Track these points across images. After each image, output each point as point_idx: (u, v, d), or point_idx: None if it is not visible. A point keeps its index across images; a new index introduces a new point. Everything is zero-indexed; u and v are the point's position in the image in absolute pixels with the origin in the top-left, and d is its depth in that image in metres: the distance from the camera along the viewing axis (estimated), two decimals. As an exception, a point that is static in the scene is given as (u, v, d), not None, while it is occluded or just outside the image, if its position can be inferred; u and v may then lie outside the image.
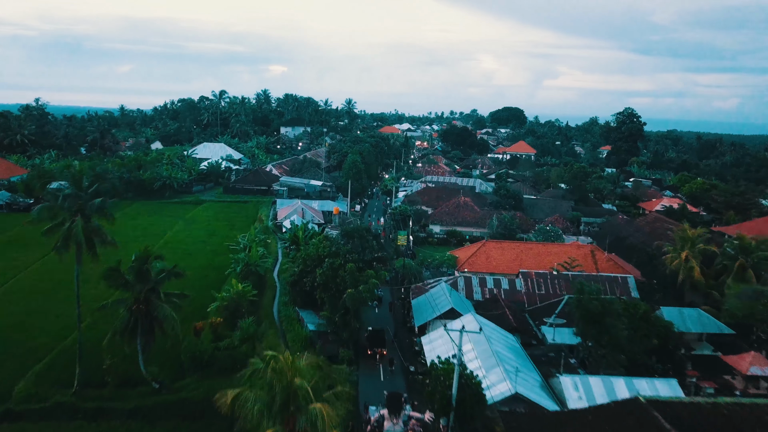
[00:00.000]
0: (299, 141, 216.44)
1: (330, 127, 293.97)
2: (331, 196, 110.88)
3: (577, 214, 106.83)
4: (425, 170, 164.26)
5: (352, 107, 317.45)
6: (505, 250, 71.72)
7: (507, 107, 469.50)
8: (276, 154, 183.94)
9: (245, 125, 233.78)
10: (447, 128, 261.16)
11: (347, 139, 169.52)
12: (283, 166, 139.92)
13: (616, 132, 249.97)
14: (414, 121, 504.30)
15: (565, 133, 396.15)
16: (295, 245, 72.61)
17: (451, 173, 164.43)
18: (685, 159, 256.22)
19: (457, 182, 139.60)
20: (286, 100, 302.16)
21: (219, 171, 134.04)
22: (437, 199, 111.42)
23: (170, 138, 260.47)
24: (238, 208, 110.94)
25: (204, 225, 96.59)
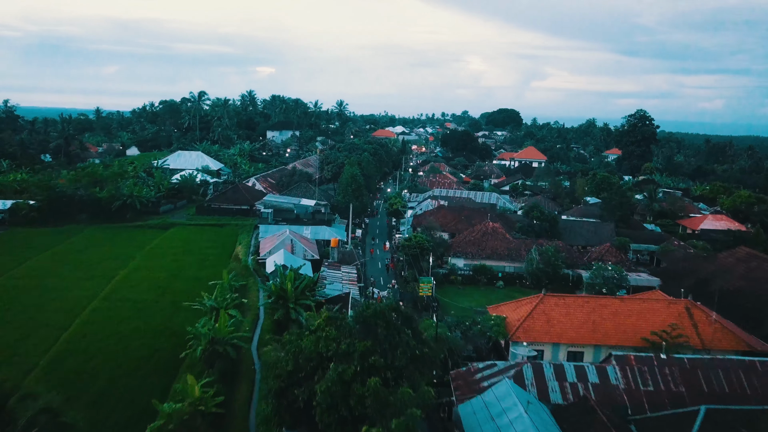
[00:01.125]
0: (287, 147, 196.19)
1: (320, 130, 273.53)
2: (326, 219, 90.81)
3: (625, 240, 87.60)
4: (430, 181, 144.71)
5: (344, 109, 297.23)
6: (570, 308, 52.10)
7: (502, 109, 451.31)
8: (261, 163, 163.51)
9: (228, 129, 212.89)
10: (447, 132, 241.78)
11: (342, 146, 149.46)
12: (269, 179, 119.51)
13: (628, 136, 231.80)
14: (406, 123, 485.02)
15: (564, 136, 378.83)
16: (282, 302, 52.60)
17: (459, 185, 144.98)
18: (700, 165, 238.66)
19: (472, 197, 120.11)
20: (273, 102, 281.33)
21: (193, 185, 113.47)
22: (454, 222, 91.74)
23: (148, 143, 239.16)
24: (214, 235, 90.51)
25: (169, 259, 76.12)
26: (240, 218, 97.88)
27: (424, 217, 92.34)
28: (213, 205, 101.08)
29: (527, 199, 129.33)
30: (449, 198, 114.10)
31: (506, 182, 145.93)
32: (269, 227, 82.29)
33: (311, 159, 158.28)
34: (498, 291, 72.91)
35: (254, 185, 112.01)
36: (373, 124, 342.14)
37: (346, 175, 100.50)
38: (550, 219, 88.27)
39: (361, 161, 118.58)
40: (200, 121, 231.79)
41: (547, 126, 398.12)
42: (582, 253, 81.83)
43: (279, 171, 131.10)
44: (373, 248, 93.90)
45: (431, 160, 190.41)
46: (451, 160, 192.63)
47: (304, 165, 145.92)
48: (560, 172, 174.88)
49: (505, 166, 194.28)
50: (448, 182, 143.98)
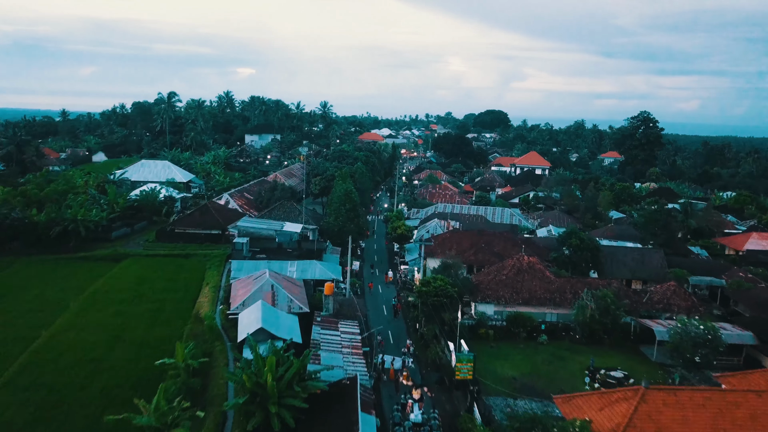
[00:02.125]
0: (267, 153, 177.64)
1: (303, 133, 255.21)
2: (315, 249, 72.85)
3: (683, 273, 71.08)
4: (429, 193, 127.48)
5: (328, 111, 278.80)
6: (686, 410, 35.04)
7: (490, 110, 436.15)
8: (238, 172, 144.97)
9: (202, 134, 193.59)
10: (438, 136, 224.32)
11: (329, 153, 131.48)
12: (246, 195, 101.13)
13: (630, 139, 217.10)
14: (390, 125, 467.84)
15: (555, 138, 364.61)
16: (259, 401, 35.00)
17: (462, 196, 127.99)
18: (705, 169, 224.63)
19: (482, 214, 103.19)
20: (252, 104, 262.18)
21: (155, 203, 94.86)
22: (473, 250, 74.44)
23: (116, 148, 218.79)
24: (175, 269, 72.14)
25: (111, 311, 57.71)
26: (209, 246, 79.54)
27: (438, 246, 74.93)
28: (177, 229, 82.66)
29: (542, 215, 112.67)
30: (458, 216, 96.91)
31: (514, 193, 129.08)
32: (244, 263, 64.22)
33: (295, 167, 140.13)
34: (542, 349, 55.91)
35: (228, 203, 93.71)
36: (359, 126, 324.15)
37: (339, 191, 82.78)
38: (591, 248, 71.31)
39: (354, 173, 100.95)
40: (173, 125, 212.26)
41: (537, 128, 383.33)
42: (636, 291, 64.99)
43: (258, 184, 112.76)
44: (372, 282, 76.32)
45: (425, 166, 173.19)
46: (447, 167, 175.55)
47: (286, 175, 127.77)
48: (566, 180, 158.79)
49: (506, 172, 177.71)
50: (449, 194, 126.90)
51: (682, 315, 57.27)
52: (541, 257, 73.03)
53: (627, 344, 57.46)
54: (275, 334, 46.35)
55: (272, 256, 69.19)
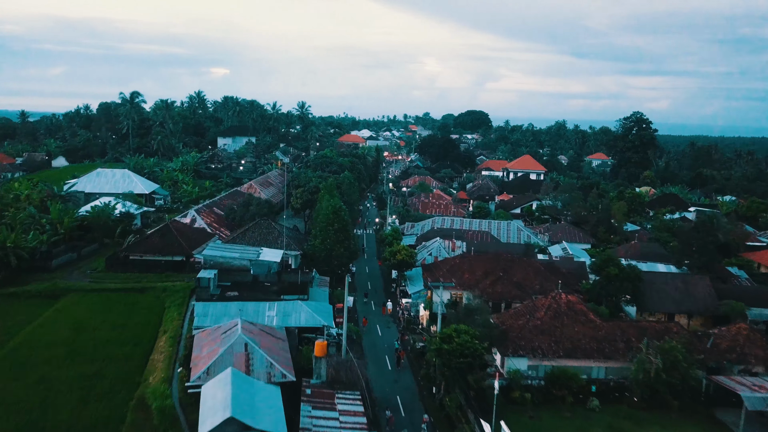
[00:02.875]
0: (242, 157, 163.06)
1: (280, 135, 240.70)
2: (299, 282, 59.35)
3: (740, 307, 59.31)
4: (421, 203, 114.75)
5: (306, 112, 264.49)
6: None
7: (471, 111, 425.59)
8: (209, 180, 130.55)
9: (171, 137, 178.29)
10: (423, 138, 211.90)
11: (311, 160, 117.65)
12: (216, 210, 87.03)
13: (623, 140, 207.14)
14: (369, 125, 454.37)
15: (538, 139, 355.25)
16: None
17: (457, 205, 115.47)
18: (699, 171, 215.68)
19: (486, 229, 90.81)
20: (225, 104, 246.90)
21: (108, 222, 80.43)
22: (490, 281, 61.81)
23: (78, 152, 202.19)
24: (126, 311, 58.14)
25: (34, 378, 43.75)
26: (171, 276, 65.79)
27: (446, 274, 62.09)
28: (132, 255, 68.55)
29: (549, 228, 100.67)
30: (460, 234, 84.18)
31: (515, 203, 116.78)
32: (210, 307, 50.60)
33: (272, 175, 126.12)
34: (596, 418, 43.51)
35: (194, 221, 79.63)
36: (338, 128, 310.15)
37: (325, 208, 69.44)
38: (632, 278, 59.11)
39: (340, 183, 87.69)
40: (140, 127, 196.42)
41: (519, 129, 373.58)
42: (696, 334, 52.88)
43: (230, 196, 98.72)
44: (367, 318, 63.19)
45: (413, 172, 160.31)
46: (436, 172, 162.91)
47: (262, 184, 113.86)
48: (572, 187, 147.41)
49: (498, 177, 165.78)
50: (443, 204, 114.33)
51: (760, 368, 45.61)
52: (567, 285, 60.91)
53: (699, 408, 45.28)
54: (251, 426, 33.19)
55: (246, 293, 55.62)
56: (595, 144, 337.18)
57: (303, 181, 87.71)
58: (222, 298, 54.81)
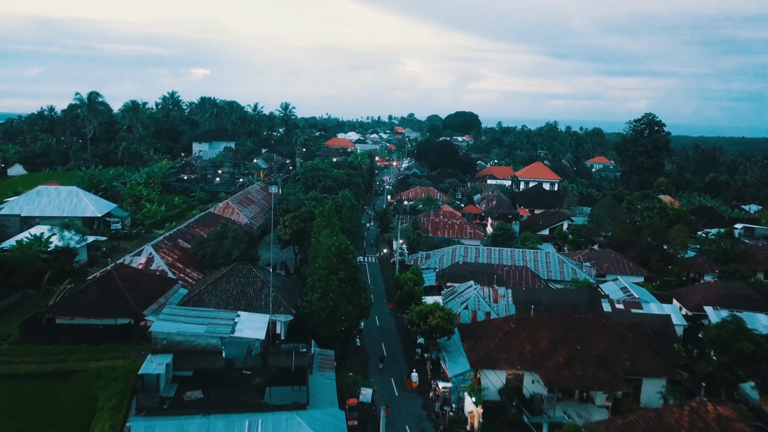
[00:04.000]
0: (219, 165, 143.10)
1: (261, 139, 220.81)
2: (293, 368, 40.36)
3: None
4: (431, 222, 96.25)
5: (290, 113, 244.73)
6: None
7: (460, 112, 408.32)
8: (179, 195, 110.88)
9: (140, 142, 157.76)
10: (420, 142, 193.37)
11: (301, 173, 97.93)
12: (181, 244, 67.32)
13: (634, 144, 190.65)
14: (355, 127, 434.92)
15: (532, 142, 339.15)
16: None
17: (474, 228, 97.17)
18: (714, 177, 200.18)
19: (522, 259, 72.65)
20: (202, 106, 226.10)
21: (37, 262, 60.63)
22: (562, 355, 43.39)
23: (38, 159, 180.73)
24: (37, 418, 38.81)
25: None
26: (111, 350, 46.45)
27: (499, 346, 43.63)
28: (58, 318, 48.99)
29: (589, 255, 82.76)
30: (494, 271, 65.79)
31: (541, 221, 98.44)
32: (156, 426, 31.55)
33: (252, 190, 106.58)
34: None
35: (151, 261, 60.12)
36: (323, 131, 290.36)
37: (326, 249, 50.41)
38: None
39: (340, 207, 68.79)
40: (107, 131, 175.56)
41: (513, 130, 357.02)
42: None
43: (201, 221, 79.13)
44: (389, 405, 44.27)
45: (415, 182, 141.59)
46: (439, 181, 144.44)
47: (241, 203, 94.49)
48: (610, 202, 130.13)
49: (506, 187, 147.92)
50: (457, 224, 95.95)
51: None
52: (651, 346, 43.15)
53: None
54: None
55: (216, 393, 36.64)
56: (592, 146, 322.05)
57: (293, 204, 68.42)
58: (178, 404, 35.70)
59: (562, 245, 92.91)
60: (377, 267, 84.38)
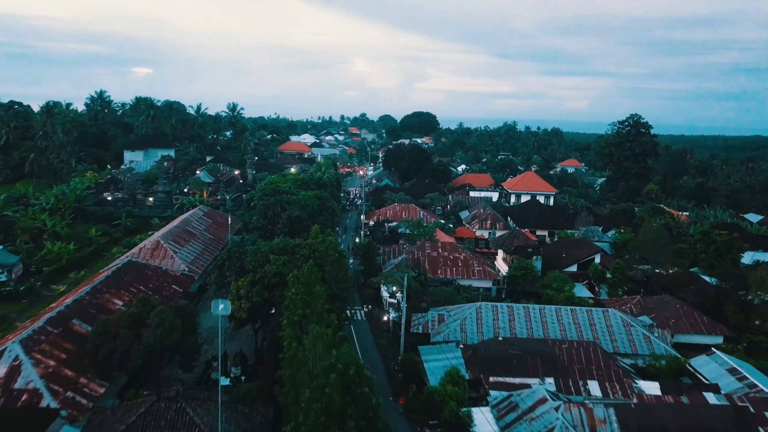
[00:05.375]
0: (154, 178, 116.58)
1: (206, 145, 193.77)
2: None
3: None
4: (427, 257, 74.10)
5: (239, 115, 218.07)
6: None
7: (417, 112, 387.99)
8: (99, 225, 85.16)
9: (59, 151, 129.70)
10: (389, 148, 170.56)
11: (256, 198, 72.95)
12: (76, 328, 42.58)
13: (620, 148, 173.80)
14: (307, 128, 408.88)
15: (496, 144, 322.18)
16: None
17: (483, 265, 75.53)
18: (699, 181, 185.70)
19: (571, 323, 51.36)
20: (137, 107, 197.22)
21: None
22: None
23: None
24: None
25: None
26: None
27: None
28: None
29: (645, 304, 62.30)
30: (537, 345, 44.21)
31: (564, 253, 77.35)
32: None
33: (193, 217, 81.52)
34: None
35: (15, 374, 35.58)
36: (275, 133, 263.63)
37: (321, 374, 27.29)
38: None
39: (321, 259, 45.68)
40: (22, 137, 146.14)
41: (475, 132, 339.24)
42: None
43: (116, 279, 53.91)
44: None
45: (391, 198, 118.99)
46: (418, 195, 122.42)
47: (177, 242, 69.63)
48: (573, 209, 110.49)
49: (491, 200, 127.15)
50: (461, 260, 74.16)
51: None
52: None
53: None
54: None
55: None
56: (558, 147, 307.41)
57: (252, 261, 44.76)
58: None
59: (597, 286, 72.36)
60: (366, 329, 61.55)
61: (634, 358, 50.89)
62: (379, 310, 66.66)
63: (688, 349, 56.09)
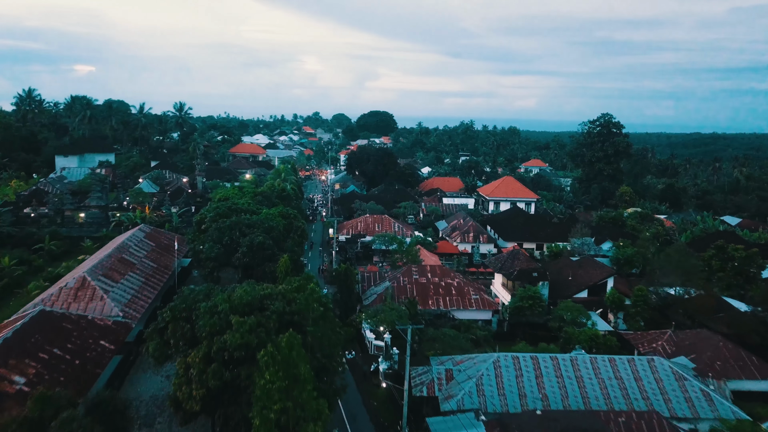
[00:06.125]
0: (87, 189, 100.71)
1: (151, 148, 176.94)
2: None
3: None
4: (416, 284, 62.45)
5: (186, 115, 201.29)
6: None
7: (375, 111, 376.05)
8: (12, 251, 69.84)
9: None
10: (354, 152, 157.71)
11: (208, 221, 59.00)
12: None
13: (591, 149, 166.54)
14: (259, 128, 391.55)
15: (455, 143, 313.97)
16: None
17: (481, 294, 64.41)
18: (670, 183, 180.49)
19: (629, 387, 40.47)
20: (71, 106, 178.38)
21: None
22: None
23: None
24: None
25: None
26: None
27: None
28: None
29: (678, 340, 52.39)
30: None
31: (571, 276, 66.87)
32: None
33: (132, 241, 67.22)
34: None
35: None
36: (226, 133, 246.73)
37: None
38: None
39: (301, 319, 33.07)
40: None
41: (435, 132, 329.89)
42: None
43: (21, 342, 40.05)
44: None
45: (359, 207, 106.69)
46: (390, 204, 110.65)
47: (109, 273, 55.45)
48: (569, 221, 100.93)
49: (469, 207, 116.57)
50: (455, 288, 62.87)
51: None
52: None
53: None
54: None
55: None
56: (520, 148, 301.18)
57: (205, 326, 31.85)
58: None
59: (612, 314, 62.17)
60: (351, 384, 49.06)
61: (693, 423, 40.54)
62: (363, 354, 54.68)
63: (741, 398, 46.33)
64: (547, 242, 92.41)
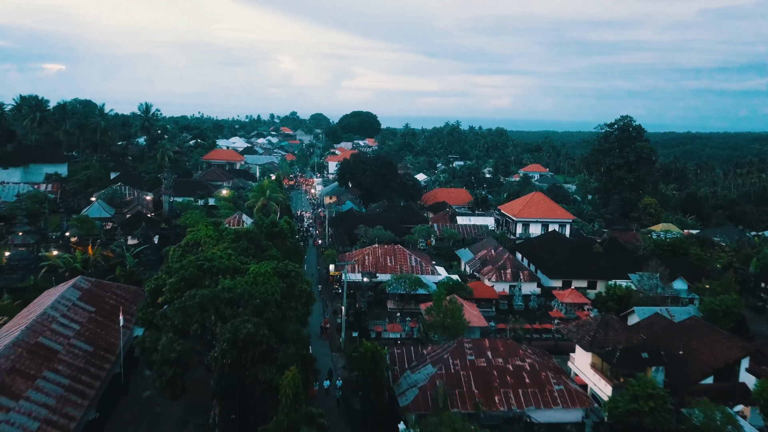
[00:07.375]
0: (12, 220, 78.20)
1: (112, 155, 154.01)
2: None
3: None
4: (472, 376, 42.57)
5: (154, 118, 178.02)
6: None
7: (357, 112, 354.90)
8: None
9: None
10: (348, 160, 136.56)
11: (169, 290, 39.13)
12: None
13: (610, 155, 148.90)
14: (234, 129, 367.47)
15: (443, 145, 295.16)
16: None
17: (561, 378, 44.63)
18: (691, 192, 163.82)
19: None
20: (20, 108, 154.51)
21: None
22: None
23: None
24: None
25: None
26: None
27: None
28: None
29: None
30: None
31: (680, 350, 47.71)
32: None
33: (60, 308, 46.27)
34: None
35: None
36: (200, 137, 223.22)
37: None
38: None
39: None
40: None
41: (423, 133, 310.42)
42: None
43: None
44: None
45: (363, 234, 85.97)
46: (401, 227, 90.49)
47: (6, 382, 34.50)
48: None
49: (490, 228, 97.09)
50: (529, 375, 43.10)
51: None
52: None
53: None
54: None
55: None
56: (514, 150, 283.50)
57: None
58: None
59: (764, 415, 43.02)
60: None
61: None
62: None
63: None
64: (602, 279, 73.54)
